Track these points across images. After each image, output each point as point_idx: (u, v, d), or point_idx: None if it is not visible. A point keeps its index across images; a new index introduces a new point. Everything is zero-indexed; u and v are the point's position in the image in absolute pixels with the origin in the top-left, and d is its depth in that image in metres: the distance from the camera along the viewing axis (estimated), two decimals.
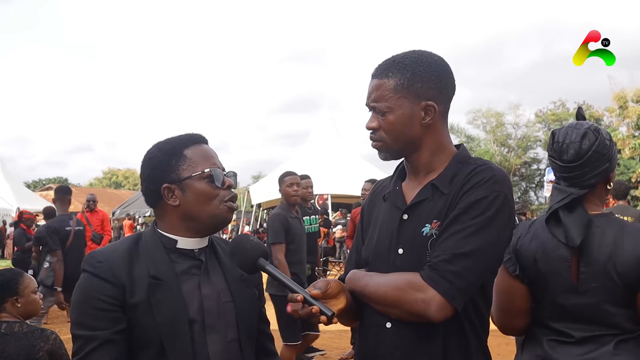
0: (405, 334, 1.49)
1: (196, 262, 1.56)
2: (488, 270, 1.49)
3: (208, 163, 1.56)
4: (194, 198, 1.53)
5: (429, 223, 1.50)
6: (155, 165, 1.56)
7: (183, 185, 1.53)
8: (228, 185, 1.57)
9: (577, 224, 1.77)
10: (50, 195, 37.83)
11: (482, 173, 1.48)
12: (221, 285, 1.57)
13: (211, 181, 1.54)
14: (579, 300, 1.76)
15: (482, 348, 1.54)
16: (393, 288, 1.46)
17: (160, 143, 1.60)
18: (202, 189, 1.53)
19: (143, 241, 1.55)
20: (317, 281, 1.47)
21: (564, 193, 1.82)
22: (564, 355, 1.78)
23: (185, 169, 1.54)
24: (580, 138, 1.81)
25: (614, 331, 1.75)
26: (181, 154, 1.55)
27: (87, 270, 1.47)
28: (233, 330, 1.55)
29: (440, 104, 1.55)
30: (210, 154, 1.59)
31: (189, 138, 1.59)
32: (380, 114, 1.55)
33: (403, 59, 1.55)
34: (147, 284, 1.46)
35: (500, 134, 38.71)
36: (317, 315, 1.37)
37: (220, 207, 1.55)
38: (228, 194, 1.56)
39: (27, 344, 2.46)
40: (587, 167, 1.79)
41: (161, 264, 1.50)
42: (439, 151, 1.58)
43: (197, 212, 1.54)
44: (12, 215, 19.88)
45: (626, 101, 27.89)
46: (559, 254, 1.78)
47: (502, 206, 1.45)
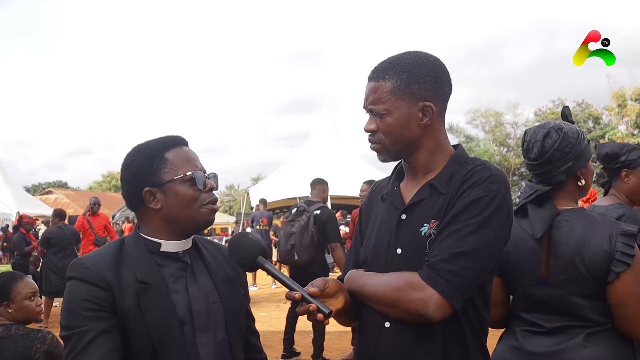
0: (404, 334, 1.50)
1: (182, 264, 1.57)
2: (486, 270, 1.49)
3: (190, 166, 1.55)
4: (175, 201, 1.53)
5: (427, 223, 1.50)
6: (137, 169, 1.55)
7: (165, 188, 1.53)
8: (209, 187, 1.57)
9: (542, 218, 1.86)
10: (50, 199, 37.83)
11: (480, 173, 1.49)
12: (208, 286, 1.58)
13: (193, 184, 1.53)
14: (549, 292, 1.85)
15: (481, 348, 1.54)
16: (392, 288, 1.47)
17: (140, 146, 1.60)
18: (184, 192, 1.53)
19: (127, 246, 1.55)
20: (315, 280, 1.48)
21: (532, 189, 1.92)
22: (535, 345, 1.86)
23: (166, 172, 1.53)
24: (543, 137, 1.90)
25: (583, 323, 1.81)
26: (162, 156, 1.54)
27: (74, 277, 1.46)
28: (222, 330, 1.56)
29: (438, 104, 1.56)
30: (192, 156, 1.59)
31: (170, 140, 1.58)
32: (378, 117, 1.56)
33: (399, 61, 1.56)
34: (136, 288, 1.46)
35: (499, 133, 38.73)
36: (314, 313, 1.38)
37: (202, 210, 1.55)
38: (209, 197, 1.56)
39: (24, 346, 2.46)
40: (551, 165, 1.88)
41: (147, 268, 1.50)
42: (437, 151, 1.59)
43: (179, 215, 1.54)
44: (12, 219, 19.85)
45: (625, 100, 27.93)
46: (529, 247, 1.88)
47: (499, 205, 1.46)
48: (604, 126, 34.24)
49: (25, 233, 9.70)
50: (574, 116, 37.33)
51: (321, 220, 5.68)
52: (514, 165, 37.55)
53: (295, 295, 1.39)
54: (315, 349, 5.72)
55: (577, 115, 37.06)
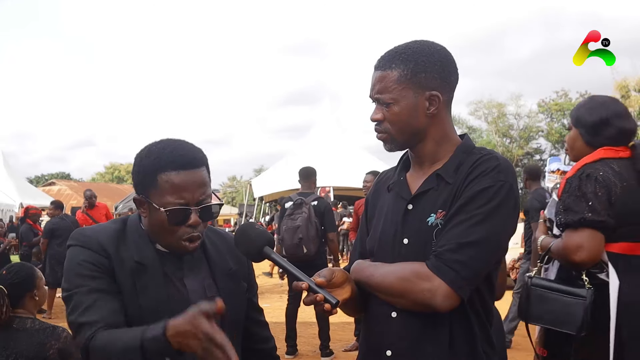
0: (411, 324, 1.50)
1: (179, 259, 1.56)
2: (493, 260, 1.49)
3: (175, 197, 1.46)
4: (155, 224, 1.50)
5: (434, 213, 1.50)
6: (135, 173, 1.55)
7: (151, 206, 1.50)
8: (190, 224, 1.49)
9: None
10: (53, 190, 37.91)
11: (487, 162, 1.48)
12: (207, 279, 1.57)
13: (170, 218, 1.47)
14: None
15: (487, 338, 1.54)
16: (399, 278, 1.47)
17: (151, 150, 1.52)
18: (162, 221, 1.48)
19: (129, 227, 1.56)
20: (322, 270, 1.48)
21: None
22: None
23: (153, 193, 1.48)
24: None
25: None
26: (154, 177, 1.47)
27: (75, 244, 1.48)
28: (217, 324, 1.56)
29: (444, 94, 1.55)
30: (184, 185, 1.46)
31: (172, 161, 1.47)
32: (384, 106, 1.55)
33: (405, 50, 1.55)
34: (132, 268, 1.46)
35: (502, 124, 38.64)
36: (321, 303, 1.37)
37: (177, 243, 1.50)
38: (187, 233, 1.49)
39: (38, 341, 2.46)
40: None
41: (146, 251, 1.51)
42: (443, 141, 1.58)
43: (158, 236, 1.53)
44: (15, 210, 19.89)
45: (628, 90, 27.82)
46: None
47: (507, 195, 1.45)
48: None
49: (32, 224, 9.75)
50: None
51: (320, 211, 5.68)
52: (516, 157, 37.49)
53: (302, 285, 1.39)
54: (323, 340, 5.72)
55: None
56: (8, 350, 2.42)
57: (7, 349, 2.42)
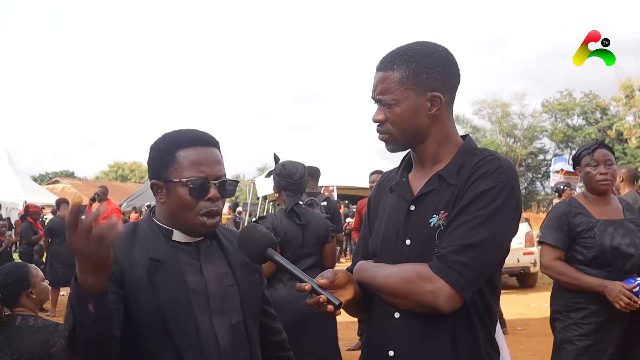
0: (413, 325, 1.50)
1: (195, 249, 1.58)
2: (495, 261, 1.49)
3: (194, 170, 1.51)
4: (175, 202, 1.53)
5: (436, 214, 1.50)
6: (151, 159, 1.58)
7: (169, 186, 1.53)
8: (209, 197, 1.53)
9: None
10: (57, 188, 37.94)
11: (489, 164, 1.49)
12: (224, 269, 1.59)
13: (190, 190, 1.51)
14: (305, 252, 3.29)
15: (489, 339, 1.54)
16: (401, 279, 1.47)
17: (166, 135, 1.60)
18: (182, 197, 1.51)
19: (140, 228, 1.58)
20: (325, 271, 1.48)
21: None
22: None
23: (172, 171, 1.52)
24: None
25: None
26: (173, 154, 1.53)
27: None
28: (238, 313, 1.58)
29: (446, 94, 1.55)
30: (202, 160, 1.53)
31: (188, 138, 1.55)
32: (386, 107, 1.55)
33: (407, 51, 1.55)
34: (147, 266, 1.48)
35: (506, 124, 38.54)
36: (324, 304, 1.38)
37: (196, 219, 1.53)
38: (208, 206, 1.52)
39: (42, 339, 2.47)
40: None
41: (160, 248, 1.53)
42: (445, 142, 1.58)
43: (177, 217, 1.55)
44: (19, 208, 19.94)
45: (633, 90, 27.72)
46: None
47: (509, 197, 1.45)
48: (611, 117, 34.02)
49: (32, 222, 9.77)
50: (582, 107, 37.31)
51: (330, 212, 5.66)
52: (520, 157, 37.41)
53: (305, 286, 1.40)
54: None
55: (585, 106, 36.82)
56: (12, 348, 2.43)
57: (10, 346, 2.43)
